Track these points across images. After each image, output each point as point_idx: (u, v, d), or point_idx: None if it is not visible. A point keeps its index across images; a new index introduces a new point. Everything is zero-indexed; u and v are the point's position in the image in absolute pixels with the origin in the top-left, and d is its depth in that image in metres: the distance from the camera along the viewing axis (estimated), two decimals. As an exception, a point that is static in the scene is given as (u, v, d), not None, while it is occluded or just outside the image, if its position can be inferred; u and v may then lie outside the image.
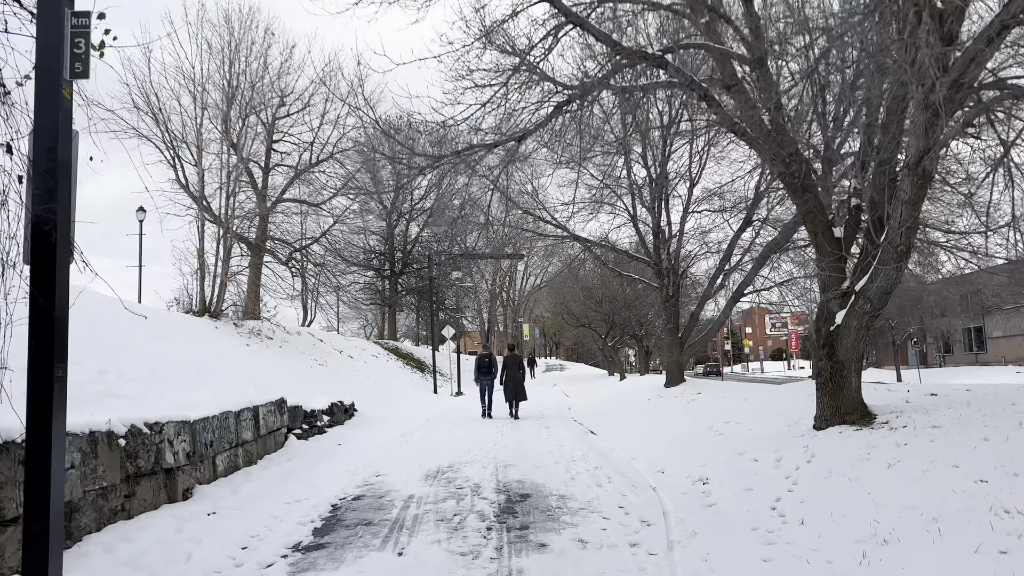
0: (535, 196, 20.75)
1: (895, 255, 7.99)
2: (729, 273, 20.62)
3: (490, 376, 18.96)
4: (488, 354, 19.54)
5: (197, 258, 22.45)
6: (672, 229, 20.00)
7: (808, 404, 11.36)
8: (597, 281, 34.48)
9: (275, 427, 12.81)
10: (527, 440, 13.33)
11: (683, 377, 20.36)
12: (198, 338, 17.26)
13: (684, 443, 11.16)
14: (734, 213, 20.90)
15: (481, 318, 60.62)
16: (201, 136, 22.62)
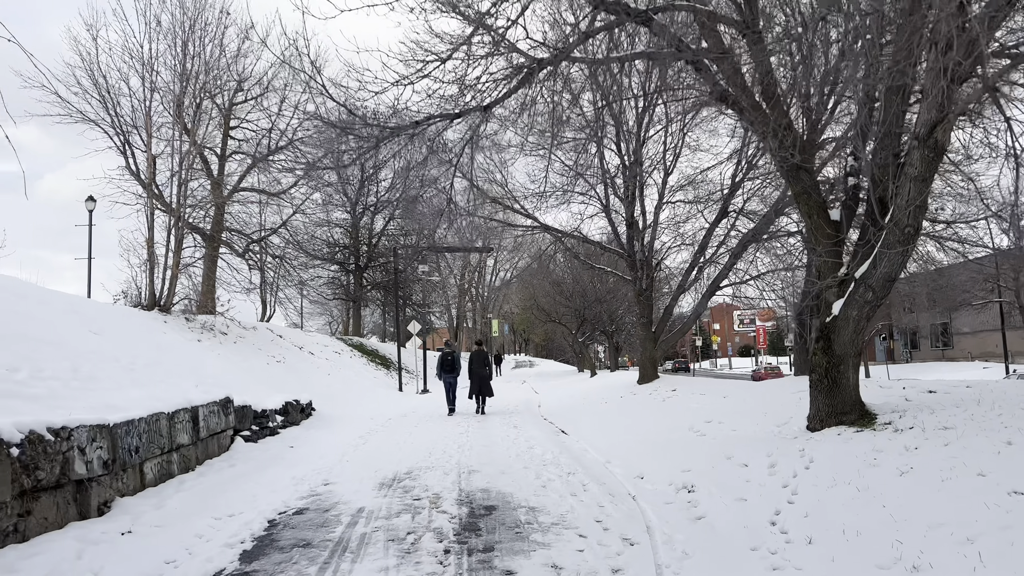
0: (504, 185, 19.79)
1: (901, 237, 7.17)
2: (704, 266, 19.89)
3: (453, 373, 18.83)
4: (451, 351, 19.38)
5: (146, 249, 21.13)
6: (647, 219, 19.16)
7: (796, 402, 10.55)
8: (567, 274, 33.64)
9: (219, 429, 11.69)
10: (494, 441, 12.37)
11: (657, 373, 19.59)
12: (140, 333, 16.02)
13: (663, 445, 10.29)
14: (709, 204, 20.20)
15: (450, 314, 59.53)
16: (150, 119, 21.27)
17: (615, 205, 19.60)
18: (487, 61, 8.50)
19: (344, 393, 23.01)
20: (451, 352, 19.25)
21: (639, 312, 19.83)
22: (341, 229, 38.64)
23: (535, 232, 20.42)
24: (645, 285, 19.20)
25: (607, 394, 19.18)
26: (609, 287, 33.82)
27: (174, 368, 14.44)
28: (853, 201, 8.51)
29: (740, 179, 18.83)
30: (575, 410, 17.89)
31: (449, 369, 18.79)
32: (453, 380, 18.72)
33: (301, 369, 23.13)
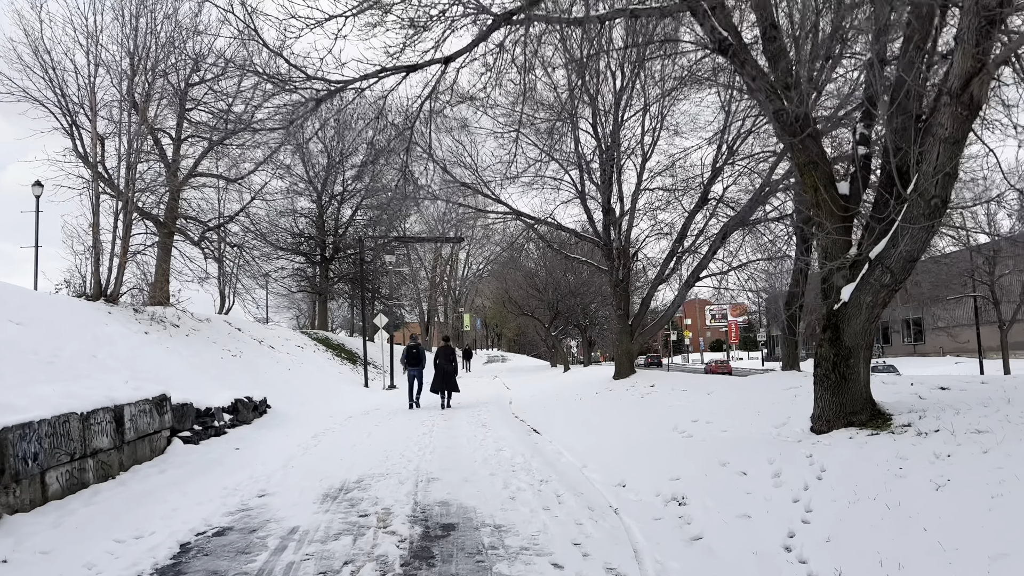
0: (475, 171, 18.60)
1: (927, 210, 6.14)
2: (683, 256, 18.89)
3: (418, 367, 18.58)
4: (416, 344, 19.20)
5: (91, 235, 19.65)
6: (624, 205, 18.10)
7: (791, 400, 9.54)
8: (540, 266, 32.58)
9: (150, 430, 10.41)
10: (460, 443, 11.22)
11: (633, 368, 18.57)
12: (75, 325, 14.61)
13: (646, 447, 9.21)
14: (688, 191, 19.23)
15: (420, 308, 58.18)
16: (95, 95, 19.76)
17: (591, 191, 18.53)
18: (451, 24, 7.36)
19: (304, 389, 21.72)
20: (416, 345, 19.08)
21: (615, 304, 18.78)
22: (306, 219, 37.16)
23: (506, 219, 19.29)
24: (622, 275, 18.15)
25: (581, 390, 18.11)
26: (583, 279, 32.84)
27: (108, 362, 13.09)
28: (864, 173, 7.48)
29: (721, 164, 17.86)
30: (548, 407, 16.81)
31: (414, 362, 18.54)
32: (417, 373, 18.45)
33: (259, 364, 21.78)
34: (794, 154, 7.40)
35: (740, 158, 16.75)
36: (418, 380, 18.42)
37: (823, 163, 7.30)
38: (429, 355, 20.44)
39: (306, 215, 37.29)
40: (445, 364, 18.08)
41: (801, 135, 7.14)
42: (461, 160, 18.37)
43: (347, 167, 36.58)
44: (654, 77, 17.14)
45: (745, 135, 17.65)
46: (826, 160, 7.41)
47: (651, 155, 18.58)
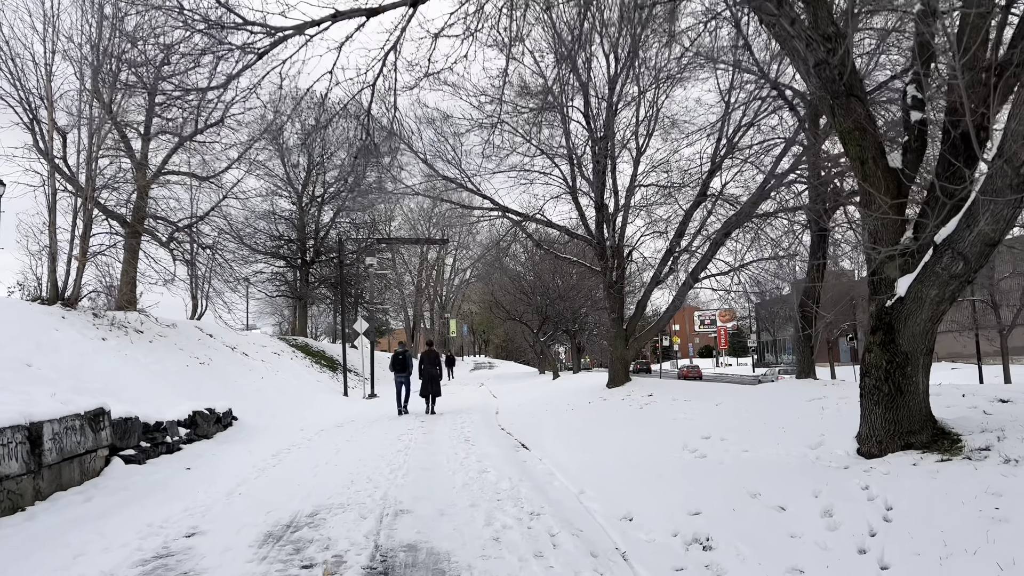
0: (458, 164, 17.25)
1: (1016, 180, 4.83)
2: (680, 255, 17.62)
3: (404, 373, 18.73)
4: (403, 351, 19.30)
5: (48, 234, 18.19)
6: (618, 201, 16.81)
7: (818, 413, 8.22)
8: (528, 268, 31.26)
9: (81, 449, 8.98)
10: (439, 462, 9.83)
11: (628, 375, 17.23)
12: (16, 331, 13.16)
13: (653, 470, 7.86)
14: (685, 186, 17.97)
15: (406, 314, 56.71)
16: (51, 82, 18.29)
17: (582, 186, 17.22)
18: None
19: (277, 399, 20.27)
20: (403, 351, 19.24)
21: (609, 307, 17.48)
22: (286, 221, 35.67)
23: (492, 216, 17.92)
24: (616, 276, 16.84)
25: (573, 399, 16.76)
26: (572, 283, 31.55)
27: (44, 372, 11.64)
28: (919, 142, 6.17)
29: (721, 158, 16.63)
30: (537, 418, 15.44)
31: (400, 368, 18.79)
32: (404, 379, 18.62)
33: (229, 372, 20.32)
34: (836, 118, 6.08)
35: (744, 147, 15.45)
36: (406, 386, 18.55)
37: (871, 129, 5.99)
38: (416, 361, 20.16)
39: (286, 217, 35.79)
40: (429, 368, 18.27)
41: (846, 93, 5.83)
42: (444, 155, 17.03)
43: (328, 167, 35.21)
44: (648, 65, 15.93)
45: (746, 127, 16.47)
46: (875, 125, 6.11)
47: (646, 148, 17.34)
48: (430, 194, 16.70)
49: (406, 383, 18.61)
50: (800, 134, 13.37)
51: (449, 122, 17.01)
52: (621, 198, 16.85)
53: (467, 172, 16.65)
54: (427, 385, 18.19)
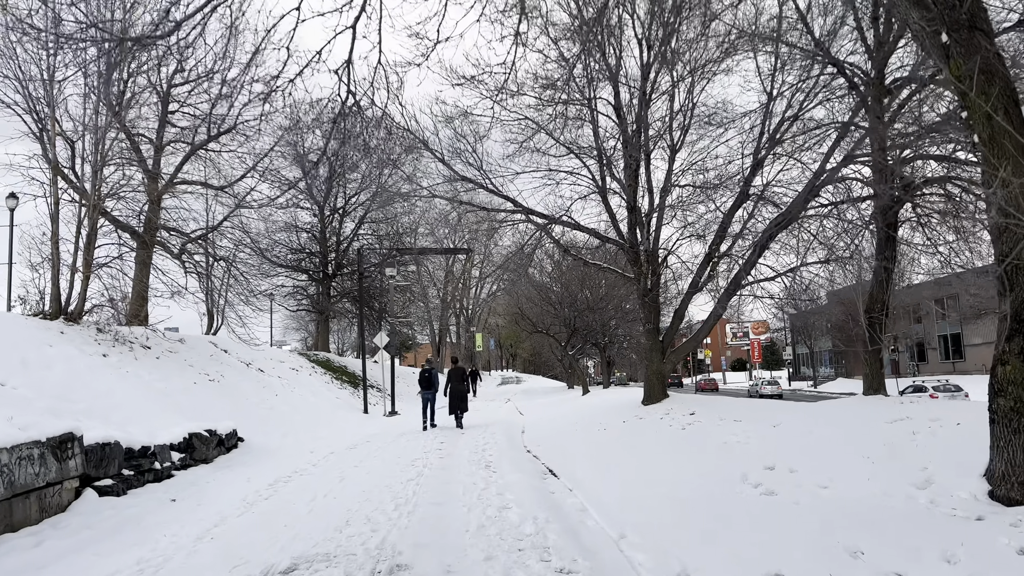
0: (479, 165, 15.98)
1: None
2: (720, 260, 16.18)
3: (430, 390, 18.77)
4: (429, 368, 19.33)
5: (50, 245, 17.23)
6: (653, 200, 15.42)
7: (907, 439, 6.72)
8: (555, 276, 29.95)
9: (41, 482, 7.76)
10: (454, 494, 8.45)
11: (666, 391, 15.77)
12: (5, 346, 12.08)
13: (708, 508, 6.41)
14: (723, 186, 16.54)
15: (431, 328, 55.53)
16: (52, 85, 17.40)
17: (612, 186, 15.88)
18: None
19: (291, 418, 19.10)
20: (429, 369, 19.29)
21: (643, 317, 16.04)
22: (308, 234, 34.71)
23: (515, 220, 16.59)
24: (651, 284, 15.42)
25: (606, 417, 15.32)
26: (601, 293, 30.16)
27: (22, 391, 10.51)
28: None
29: (764, 155, 15.20)
30: (567, 438, 14.03)
31: (426, 385, 18.87)
32: (430, 396, 18.68)
33: (241, 390, 19.20)
34: (952, 60, 4.64)
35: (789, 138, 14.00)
36: (431, 403, 18.66)
37: (1002, 70, 4.54)
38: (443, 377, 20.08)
39: (307, 230, 34.84)
40: (456, 385, 18.42)
41: (968, 25, 4.40)
42: (463, 155, 15.77)
43: (349, 179, 34.26)
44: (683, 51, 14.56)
45: (791, 120, 15.03)
46: (1004, 66, 4.66)
47: (682, 144, 15.97)
48: (446, 195, 15.39)
49: (432, 400, 18.73)
50: (858, 116, 11.88)
51: (469, 119, 15.79)
52: (655, 198, 15.44)
53: (488, 172, 15.35)
54: (455, 402, 18.38)
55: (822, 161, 14.03)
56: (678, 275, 17.87)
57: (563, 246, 17.37)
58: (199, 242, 22.81)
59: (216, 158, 23.49)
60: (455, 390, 18.34)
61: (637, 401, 16.57)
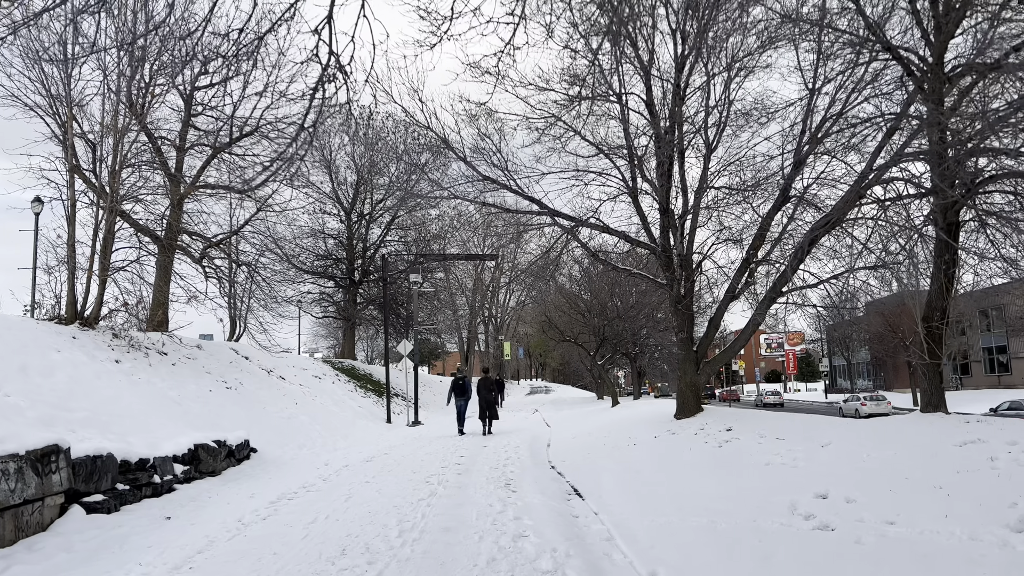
0: (504, 166, 15.24)
1: None
2: (758, 266, 15.28)
3: (464, 397, 19.76)
4: (463, 376, 20.25)
5: (67, 248, 16.85)
6: (687, 202, 14.56)
7: (985, 467, 5.80)
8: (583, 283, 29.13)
9: (18, 499, 7.17)
10: (466, 518, 7.63)
11: (700, 404, 14.88)
12: (7, 352, 11.58)
13: (753, 543, 5.52)
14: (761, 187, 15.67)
15: (460, 337, 54.96)
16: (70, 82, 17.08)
17: (644, 187, 15.02)
18: None
19: (310, 428, 18.50)
20: (462, 377, 20.20)
21: (676, 326, 15.17)
22: (334, 240, 34.30)
23: (541, 224, 15.80)
24: (684, 290, 14.53)
25: (636, 431, 14.46)
26: (632, 301, 29.24)
27: (15, 399, 9.97)
28: None
29: (805, 153, 14.26)
30: (594, 453, 13.23)
31: (460, 393, 19.78)
32: (464, 404, 19.72)
33: (260, 398, 18.67)
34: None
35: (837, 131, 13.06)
36: (465, 409, 19.77)
37: None
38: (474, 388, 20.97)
39: (334, 236, 34.43)
40: (486, 393, 19.66)
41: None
42: (487, 155, 15.06)
43: (376, 186, 33.82)
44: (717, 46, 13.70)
45: (834, 118, 14.08)
46: None
47: (718, 143, 15.08)
48: (467, 197, 14.67)
49: (465, 406, 19.78)
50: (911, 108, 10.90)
51: (494, 118, 15.10)
52: (689, 199, 14.58)
53: (513, 174, 14.62)
54: (484, 409, 19.61)
55: (870, 158, 13.07)
56: (713, 281, 17.00)
57: (591, 250, 16.56)
58: (221, 247, 22.34)
59: (241, 161, 23.10)
60: (484, 399, 19.69)
61: (669, 414, 15.73)
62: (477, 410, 19.94)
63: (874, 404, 37.00)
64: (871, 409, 35.92)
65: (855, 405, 37.77)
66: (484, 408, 19.66)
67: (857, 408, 37.03)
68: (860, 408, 36.74)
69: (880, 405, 36.68)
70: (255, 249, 24.72)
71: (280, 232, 28.03)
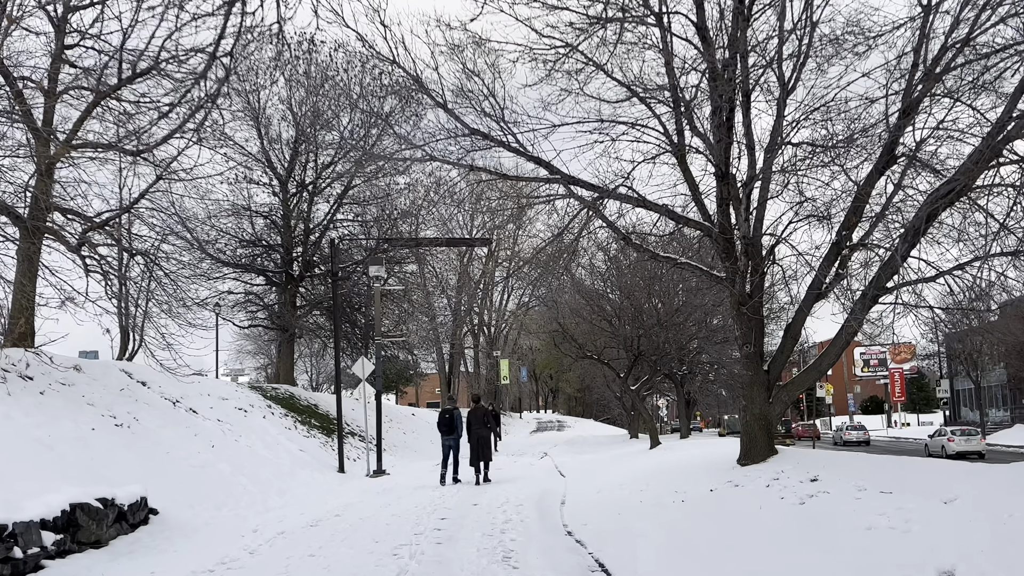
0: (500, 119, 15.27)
1: None
2: (851, 253, 15.41)
3: (453, 435, 20.71)
4: (451, 409, 21.58)
5: None
6: (755, 165, 14.68)
7: None
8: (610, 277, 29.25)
9: None
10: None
11: (773, 445, 15.04)
12: None
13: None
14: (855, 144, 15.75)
15: (439, 353, 55.16)
16: None
17: (693, 143, 15.17)
18: None
19: (232, 480, 18.63)
20: (450, 410, 21.35)
21: (740, 335, 15.27)
22: (265, 220, 34.36)
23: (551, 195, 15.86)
24: (752, 286, 14.61)
25: (685, 482, 14.71)
26: (678, 304, 29.42)
27: None
28: None
29: (918, 96, 14.37)
30: (627, 514, 13.53)
31: (447, 430, 20.69)
32: (453, 443, 20.64)
33: (162, 439, 18.78)
34: None
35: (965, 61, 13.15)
36: (454, 452, 20.65)
37: None
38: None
39: (264, 214, 34.48)
40: (478, 429, 20.32)
41: None
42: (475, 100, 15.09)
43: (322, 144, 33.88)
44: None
45: (957, 46, 14.19)
46: None
47: (796, 82, 15.14)
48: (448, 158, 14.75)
49: (455, 448, 20.63)
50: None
51: (485, 49, 15.14)
52: (758, 160, 14.66)
53: (512, 125, 14.68)
54: (477, 451, 20.37)
55: (1009, 100, 13.19)
56: (791, 274, 17.01)
57: (621, 232, 16.60)
58: (107, 229, 22.29)
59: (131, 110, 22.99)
60: (477, 436, 20.30)
61: (729, 459, 16.06)
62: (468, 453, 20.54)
63: (964, 440, 39.57)
64: (960, 447, 38.53)
65: (941, 442, 40.41)
66: (477, 450, 20.34)
67: (943, 445, 39.54)
68: (947, 445, 39.27)
69: (971, 441, 39.32)
70: (155, 233, 24.70)
71: (190, 209, 27.91)
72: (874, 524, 8.63)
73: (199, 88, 20.13)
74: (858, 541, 8.24)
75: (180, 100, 21.39)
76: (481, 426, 20.44)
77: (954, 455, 37.01)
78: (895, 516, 8.70)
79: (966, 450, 37.88)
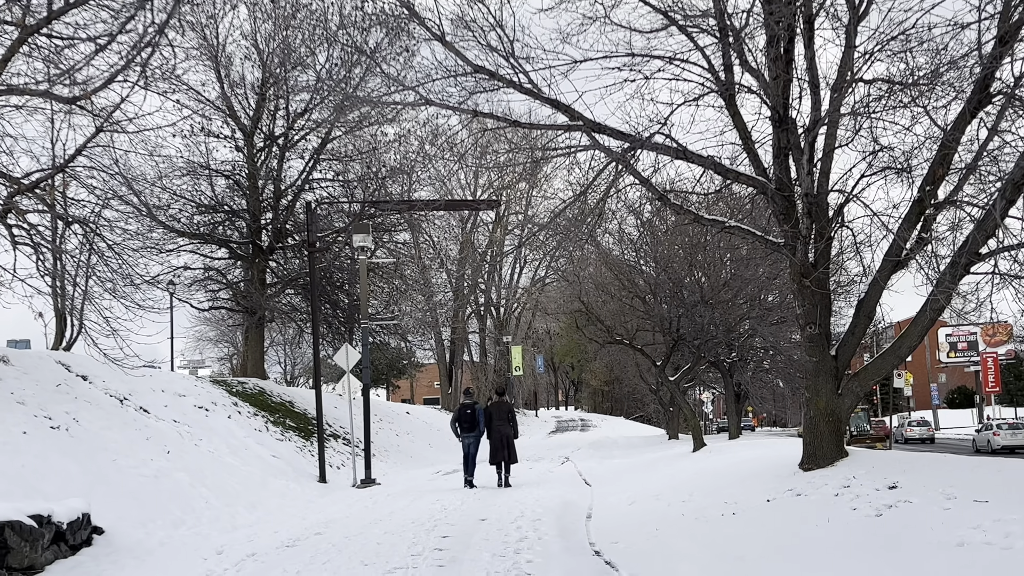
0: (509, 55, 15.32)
1: None
2: (937, 213, 15.44)
3: (474, 433, 21.81)
4: (471, 403, 22.57)
5: None
6: (819, 106, 14.75)
7: None
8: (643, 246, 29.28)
9: None
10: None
11: (843, 447, 15.19)
12: None
13: None
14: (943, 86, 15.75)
15: (438, 339, 55.40)
16: None
17: (745, 80, 15.22)
18: None
19: (191, 492, 18.94)
20: (470, 404, 22.36)
21: (803, 315, 15.33)
22: (227, 180, 34.43)
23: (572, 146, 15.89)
24: (816, 254, 14.67)
25: (735, 491, 15.02)
26: (726, 278, 29.44)
27: None
28: None
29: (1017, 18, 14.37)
30: (666, 529, 13.74)
31: (468, 427, 21.84)
32: (473, 442, 21.88)
33: (107, 444, 19.06)
34: None
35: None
36: (474, 450, 21.87)
37: None
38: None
39: (226, 174, 34.54)
40: (500, 425, 21.44)
41: None
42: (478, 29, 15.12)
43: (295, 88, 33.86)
44: None
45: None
46: None
47: (869, 6, 15.16)
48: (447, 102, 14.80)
49: (475, 445, 21.83)
50: None
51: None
52: (823, 101, 14.70)
53: (522, 61, 14.76)
54: (499, 450, 21.51)
55: None
56: (863, 240, 17.08)
57: (657, 189, 16.68)
58: (38, 192, 22.42)
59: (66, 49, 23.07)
60: (498, 435, 21.50)
61: (789, 463, 16.24)
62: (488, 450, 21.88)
63: (1010, 434, 43.60)
64: (1007, 440, 42.91)
65: (987, 436, 45.06)
66: (498, 448, 21.61)
67: (989, 439, 44.25)
68: (993, 439, 43.89)
69: (1018, 435, 43.22)
70: (95, 196, 24.82)
71: (136, 168, 27.93)
72: (967, 539, 8.73)
73: (143, 16, 20.15)
74: (948, 559, 8.35)
75: (121, 29, 21.40)
76: (504, 422, 21.56)
77: (999, 449, 41.87)
78: (993, 530, 8.81)
79: (1014, 444, 42.07)
